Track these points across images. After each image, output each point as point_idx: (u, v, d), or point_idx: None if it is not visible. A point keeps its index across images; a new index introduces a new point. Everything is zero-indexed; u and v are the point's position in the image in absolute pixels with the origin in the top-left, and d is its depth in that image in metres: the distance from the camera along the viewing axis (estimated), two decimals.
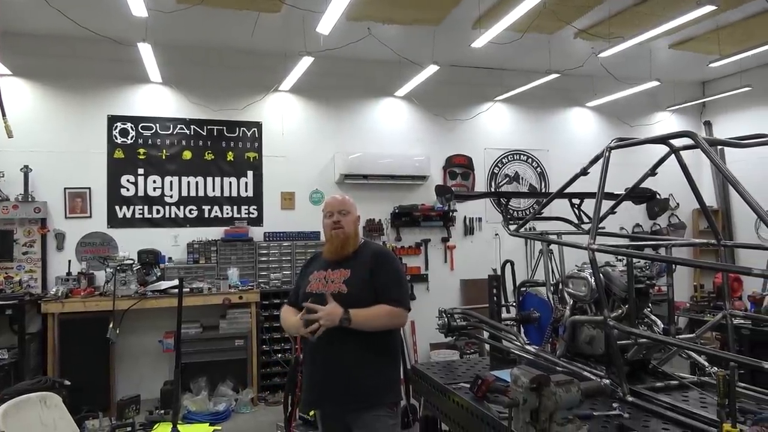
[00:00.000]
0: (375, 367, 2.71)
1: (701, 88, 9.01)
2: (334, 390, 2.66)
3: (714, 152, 2.13)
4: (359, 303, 2.65)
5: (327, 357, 2.67)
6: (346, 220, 2.84)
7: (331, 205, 2.90)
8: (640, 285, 2.77)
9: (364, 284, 2.70)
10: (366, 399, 2.67)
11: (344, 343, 2.63)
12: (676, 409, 2.31)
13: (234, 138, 6.97)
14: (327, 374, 2.67)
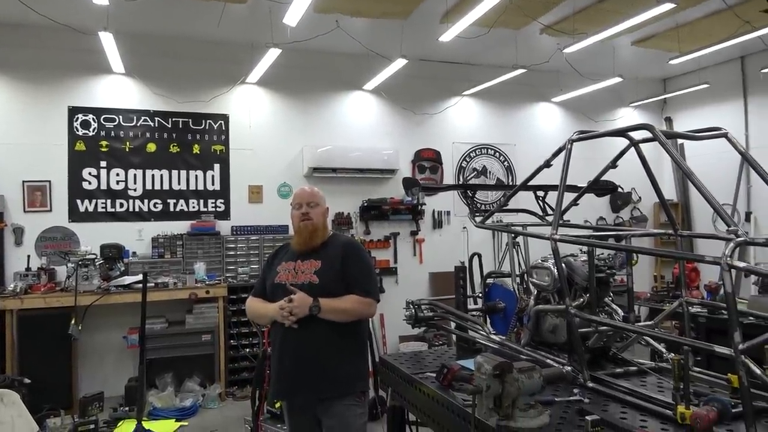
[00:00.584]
0: (344, 356, 2.74)
1: (662, 85, 9.24)
2: (304, 379, 2.68)
3: (671, 145, 2.20)
4: (330, 293, 2.69)
5: (297, 347, 2.69)
6: (315, 212, 2.85)
7: (300, 197, 2.90)
8: (600, 274, 2.84)
9: (334, 275, 2.73)
10: (336, 388, 2.70)
11: (314, 332, 2.66)
12: (635, 393, 2.39)
13: (200, 130, 6.86)
14: (297, 364, 2.68)
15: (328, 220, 3.00)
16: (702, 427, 1.47)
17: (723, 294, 6.24)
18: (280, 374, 2.78)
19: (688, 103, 8.69)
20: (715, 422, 1.52)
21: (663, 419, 2.11)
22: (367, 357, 2.98)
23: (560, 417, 2.18)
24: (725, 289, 1.83)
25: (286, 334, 2.70)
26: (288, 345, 2.72)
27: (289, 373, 2.72)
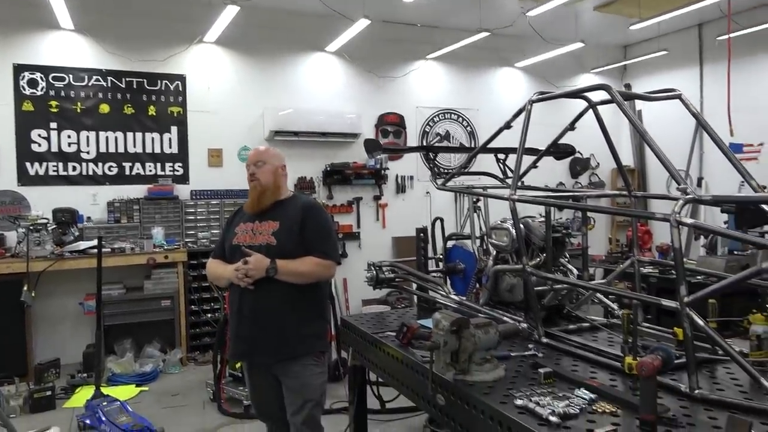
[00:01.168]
0: (302, 317, 2.75)
1: (623, 52, 9.35)
2: (262, 340, 2.69)
3: (627, 106, 2.22)
4: (287, 255, 2.67)
5: (255, 308, 2.68)
6: (262, 171, 2.79)
7: (249, 158, 2.87)
8: (557, 234, 2.90)
9: (292, 236, 2.71)
10: (293, 348, 2.71)
11: (270, 293, 2.65)
12: (586, 347, 2.47)
13: (156, 91, 6.63)
14: (255, 325, 2.69)
15: (284, 179, 2.92)
16: (647, 373, 1.53)
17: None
18: (237, 335, 2.78)
19: (647, 69, 8.83)
20: (659, 369, 1.59)
21: (612, 370, 2.20)
22: (328, 318, 3.00)
23: (515, 371, 2.24)
24: (673, 245, 1.88)
25: (243, 295, 2.70)
26: (245, 306, 2.71)
27: (246, 335, 2.72)
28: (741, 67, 7.35)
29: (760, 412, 1.76)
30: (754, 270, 1.72)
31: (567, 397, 1.87)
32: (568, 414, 1.73)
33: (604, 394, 1.90)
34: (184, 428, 4.28)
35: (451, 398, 2.15)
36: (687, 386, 1.93)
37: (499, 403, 1.90)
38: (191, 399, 4.94)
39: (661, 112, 7.51)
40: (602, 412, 1.79)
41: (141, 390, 5.24)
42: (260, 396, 2.94)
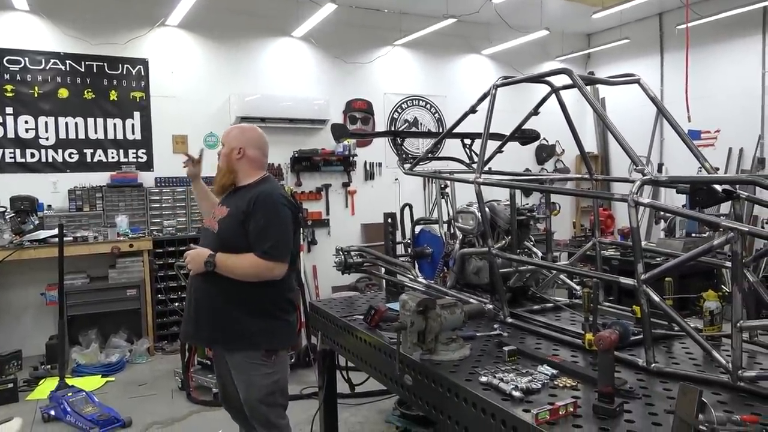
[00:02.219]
0: (244, 311, 2.60)
1: (587, 40, 9.51)
2: (203, 328, 2.68)
3: (587, 90, 2.28)
4: (227, 244, 2.58)
5: (199, 296, 2.67)
6: (222, 152, 2.77)
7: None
8: (521, 217, 2.96)
9: (235, 226, 2.58)
10: (230, 341, 2.65)
11: (214, 283, 2.59)
12: (549, 326, 2.54)
13: (117, 76, 6.46)
14: (198, 311, 2.67)
15: (246, 162, 2.72)
16: (604, 347, 1.59)
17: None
18: (186, 318, 2.78)
19: (610, 58, 9.00)
20: (616, 343, 1.65)
21: (574, 347, 2.27)
22: (284, 316, 2.74)
23: (480, 350, 2.29)
24: (630, 224, 1.95)
25: (192, 280, 2.70)
26: (191, 290, 2.72)
27: (191, 319, 2.72)
28: (700, 56, 7.57)
29: (712, 383, 1.85)
30: (706, 247, 1.79)
31: (530, 373, 1.93)
32: (530, 389, 1.79)
33: (566, 369, 1.97)
34: (153, 417, 4.24)
35: (418, 378, 2.19)
36: (644, 361, 2.01)
37: (464, 380, 1.94)
38: (159, 388, 4.89)
39: (623, 99, 7.68)
40: (563, 386, 1.85)
41: (107, 380, 5.16)
42: (221, 385, 2.92)
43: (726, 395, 1.77)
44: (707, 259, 2.68)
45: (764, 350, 2.17)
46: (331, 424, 3.60)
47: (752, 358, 2.13)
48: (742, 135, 7.31)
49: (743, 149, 7.33)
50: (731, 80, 7.44)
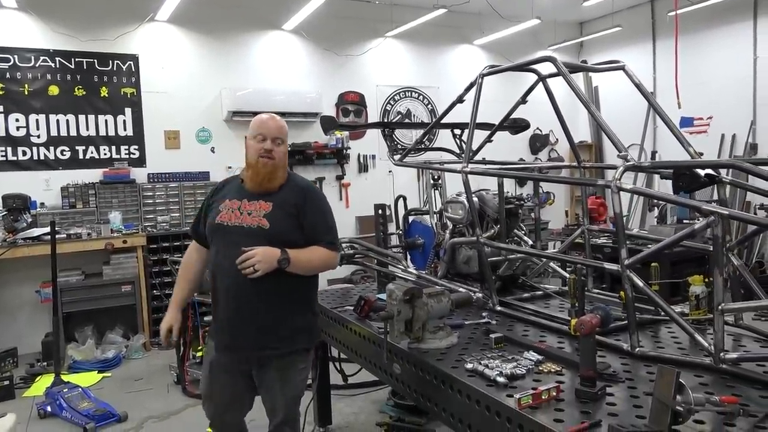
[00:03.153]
0: (294, 310, 2.45)
1: (579, 29, 9.48)
2: (248, 334, 2.40)
3: (571, 77, 2.28)
4: (281, 241, 2.35)
5: (243, 298, 2.37)
6: (279, 150, 2.41)
7: (266, 128, 2.41)
8: (510, 206, 2.97)
9: (288, 220, 2.39)
10: (283, 344, 2.42)
11: (264, 283, 2.32)
12: (538, 314, 2.56)
13: (107, 72, 6.42)
14: (241, 316, 2.38)
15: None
16: (585, 331, 1.60)
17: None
18: (219, 327, 2.48)
19: (603, 46, 8.98)
20: (597, 327, 1.66)
21: (561, 334, 2.29)
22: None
23: (468, 337, 2.31)
24: (614, 210, 1.96)
25: (226, 282, 2.38)
26: (228, 295, 2.40)
27: (229, 326, 2.42)
28: (691, 43, 7.57)
29: (695, 365, 1.86)
30: (687, 231, 1.80)
31: (515, 359, 1.94)
32: (515, 375, 1.80)
33: (551, 355, 1.98)
34: (149, 412, 4.25)
35: (406, 366, 2.21)
36: (629, 345, 2.02)
37: (450, 367, 1.96)
38: (155, 383, 4.91)
39: (618, 87, 7.66)
40: (548, 371, 1.87)
41: (104, 376, 5.17)
42: (231, 395, 2.53)
43: (708, 377, 1.79)
44: (695, 244, 2.70)
45: (749, 333, 2.18)
46: (324, 414, 3.63)
47: (737, 341, 2.16)
48: (735, 121, 7.31)
49: (736, 135, 7.33)
50: (723, 67, 7.44)
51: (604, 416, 1.52)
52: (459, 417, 1.88)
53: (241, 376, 2.47)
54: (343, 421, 3.85)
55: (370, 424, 3.76)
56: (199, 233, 2.58)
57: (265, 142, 2.38)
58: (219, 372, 2.50)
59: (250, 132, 2.45)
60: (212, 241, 2.47)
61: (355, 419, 3.89)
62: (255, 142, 2.40)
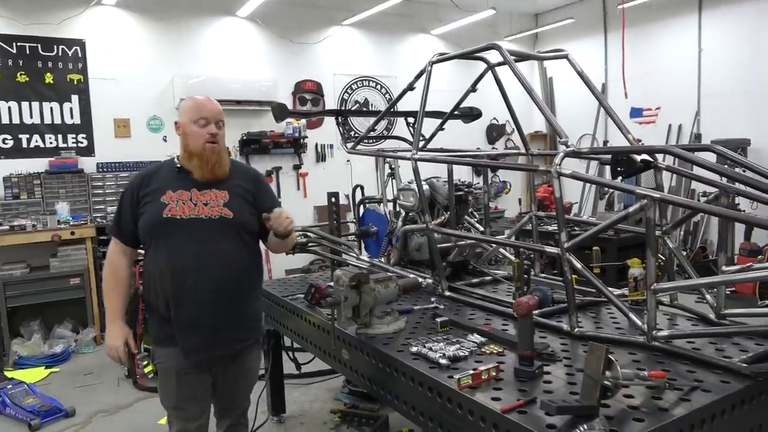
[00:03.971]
0: (256, 296, 2.40)
1: (535, 20, 9.62)
2: (227, 329, 2.23)
3: (515, 65, 2.32)
4: (246, 228, 2.28)
5: (221, 294, 2.19)
6: (221, 133, 2.29)
7: (209, 111, 2.24)
8: (459, 193, 3.00)
9: (247, 208, 2.29)
10: (250, 334, 2.35)
11: (237, 273, 2.24)
12: (486, 298, 2.61)
13: (52, 57, 6.18)
14: (220, 313, 2.20)
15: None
16: (523, 312, 1.64)
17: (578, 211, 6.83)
18: (190, 322, 2.18)
19: (557, 38, 9.13)
20: (535, 307, 1.71)
21: (506, 317, 2.34)
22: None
23: (416, 322, 2.33)
24: (554, 194, 2.01)
25: (206, 279, 2.16)
26: (210, 291, 2.17)
27: (207, 325, 2.19)
28: (640, 36, 7.78)
29: (630, 343, 1.94)
30: (622, 214, 1.87)
31: (459, 342, 1.98)
32: (457, 356, 1.84)
33: (493, 337, 2.03)
34: (98, 406, 4.15)
35: (354, 351, 2.22)
36: (568, 326, 2.08)
37: (396, 351, 1.98)
38: (105, 377, 4.79)
39: (572, 79, 7.81)
40: (490, 353, 1.91)
41: (51, 371, 5.01)
42: (201, 404, 2.34)
43: (641, 355, 1.86)
44: (638, 229, 2.80)
45: (683, 313, 2.28)
46: (278, 402, 3.63)
47: (671, 320, 2.24)
48: (681, 112, 7.57)
49: (682, 125, 7.60)
50: (670, 59, 7.67)
51: (540, 394, 1.57)
52: (404, 399, 1.91)
53: (209, 376, 2.31)
54: (297, 410, 3.84)
55: (325, 412, 3.77)
56: (126, 233, 2.28)
57: (209, 126, 2.23)
58: (188, 379, 2.25)
59: (186, 116, 2.23)
60: (159, 238, 2.20)
61: (309, 407, 3.89)
62: (197, 127, 2.22)
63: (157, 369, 2.36)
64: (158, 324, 2.27)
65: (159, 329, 2.28)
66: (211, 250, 2.18)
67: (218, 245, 2.20)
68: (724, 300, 2.07)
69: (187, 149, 2.25)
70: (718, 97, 7.18)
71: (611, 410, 1.45)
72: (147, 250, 2.27)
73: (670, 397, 1.52)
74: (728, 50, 7.09)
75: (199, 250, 2.16)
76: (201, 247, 2.16)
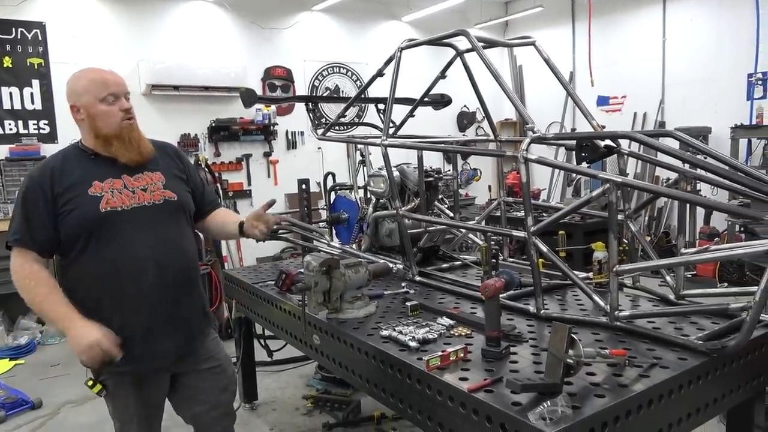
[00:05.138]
0: (200, 282, 2.23)
1: (504, 8, 9.67)
2: (185, 324, 2.07)
3: (483, 51, 2.34)
4: (187, 210, 2.11)
5: (177, 287, 2.02)
6: (129, 105, 2.00)
7: (114, 84, 1.95)
8: (429, 179, 3.03)
9: (184, 186, 2.12)
10: (205, 324, 2.19)
11: (190, 262, 2.09)
12: (455, 283, 2.65)
13: (10, 41, 5.96)
14: (178, 308, 2.03)
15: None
16: (490, 294, 1.68)
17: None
18: (151, 330, 1.97)
19: (527, 26, 9.20)
20: (501, 290, 1.74)
21: (475, 300, 2.37)
22: None
23: (386, 307, 2.36)
24: (521, 179, 2.04)
25: (165, 273, 1.97)
26: (170, 285, 1.99)
27: (164, 325, 2.00)
28: (606, 25, 7.91)
29: (593, 324, 1.99)
30: (585, 199, 1.91)
31: (429, 325, 2.01)
32: (426, 339, 1.87)
33: (462, 319, 2.06)
34: (65, 398, 4.08)
35: (325, 337, 2.24)
36: (535, 308, 2.14)
37: (366, 335, 2.00)
38: (73, 369, 4.69)
39: (542, 68, 7.90)
40: (459, 335, 1.95)
41: (16, 363, 4.91)
42: (154, 412, 2.15)
43: (604, 335, 1.92)
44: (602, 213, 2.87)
45: (645, 294, 2.35)
46: (250, 390, 3.63)
47: (633, 301, 2.32)
48: (646, 100, 7.74)
49: (647, 113, 7.77)
50: (636, 48, 7.82)
51: (506, 373, 1.61)
52: (374, 382, 1.93)
53: (163, 384, 2.13)
54: (269, 397, 3.85)
55: (297, 398, 3.79)
56: (41, 241, 1.90)
57: (119, 101, 1.94)
58: (144, 388, 2.05)
59: (89, 96, 1.93)
60: (98, 236, 1.90)
61: (281, 394, 3.90)
62: (106, 106, 1.92)
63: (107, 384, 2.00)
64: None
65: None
66: (164, 239, 1.98)
67: (169, 232, 2.01)
68: (683, 281, 2.15)
69: (99, 134, 1.95)
70: (682, 86, 7.37)
71: (574, 387, 1.49)
72: (77, 254, 1.91)
73: (631, 374, 1.57)
74: (691, 39, 7.27)
75: (153, 242, 1.95)
76: (154, 238, 1.96)
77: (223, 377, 2.20)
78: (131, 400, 2.04)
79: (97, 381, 1.99)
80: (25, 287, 1.91)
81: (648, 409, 1.50)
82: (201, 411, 2.17)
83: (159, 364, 2.03)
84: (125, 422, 2.10)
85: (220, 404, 2.20)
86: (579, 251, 4.17)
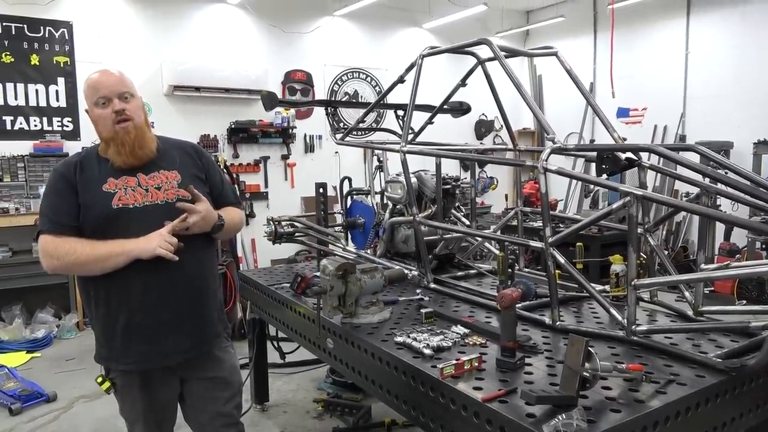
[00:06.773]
0: (218, 284, 2.22)
1: (526, 17, 9.65)
2: (191, 327, 2.06)
3: (505, 60, 2.33)
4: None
5: (187, 284, 2.02)
6: (132, 106, 1.98)
7: (107, 87, 1.96)
8: (446, 186, 3.02)
9: (201, 186, 2.09)
10: (217, 332, 2.19)
11: (196, 257, 2.05)
12: (469, 291, 2.64)
13: (39, 39, 6.08)
14: (187, 306, 2.04)
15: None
16: (506, 304, 1.67)
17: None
18: (157, 332, 1.99)
19: (548, 36, 9.17)
20: (518, 300, 1.74)
21: (489, 309, 2.37)
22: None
23: (401, 313, 2.36)
24: (540, 189, 2.04)
25: (173, 272, 1.94)
26: (178, 283, 1.99)
27: (170, 326, 2.01)
28: (629, 36, 7.84)
29: (610, 338, 1.98)
30: (605, 211, 1.90)
31: (443, 333, 2.00)
32: (441, 347, 1.86)
33: (477, 328, 2.06)
34: (80, 391, 4.14)
35: (339, 341, 2.24)
36: (550, 319, 2.12)
37: (380, 341, 2.00)
38: (88, 363, 4.74)
39: (562, 78, 7.87)
40: (473, 344, 1.94)
41: (33, 356, 4.99)
42: (162, 413, 2.15)
43: (621, 348, 1.90)
44: (621, 226, 2.84)
45: (662, 309, 2.32)
46: (261, 391, 3.64)
47: (651, 316, 2.29)
48: (667, 113, 7.66)
49: (667, 126, 7.69)
50: (658, 60, 7.75)
51: (520, 384, 1.60)
52: (387, 388, 1.93)
53: (172, 385, 2.13)
54: (280, 398, 3.86)
55: (308, 401, 3.80)
56: (72, 227, 1.91)
57: (111, 103, 1.93)
58: (151, 388, 2.06)
59: (89, 101, 1.99)
60: (111, 234, 1.90)
61: (292, 396, 3.91)
62: (101, 110, 1.95)
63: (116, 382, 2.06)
64: (119, 333, 1.98)
65: (123, 339, 1.99)
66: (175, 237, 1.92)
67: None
68: (702, 297, 2.12)
69: (101, 137, 2.00)
70: (704, 99, 7.29)
71: (589, 401, 1.48)
72: None
73: (647, 390, 1.56)
74: (715, 54, 7.19)
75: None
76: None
77: (228, 388, 2.20)
78: (138, 399, 2.07)
79: (106, 378, 2.07)
80: (67, 254, 1.88)
81: (664, 426, 1.48)
82: (204, 420, 2.19)
83: (165, 363, 2.05)
84: (133, 421, 2.14)
85: (222, 414, 2.19)
86: (595, 263, 4.14)
